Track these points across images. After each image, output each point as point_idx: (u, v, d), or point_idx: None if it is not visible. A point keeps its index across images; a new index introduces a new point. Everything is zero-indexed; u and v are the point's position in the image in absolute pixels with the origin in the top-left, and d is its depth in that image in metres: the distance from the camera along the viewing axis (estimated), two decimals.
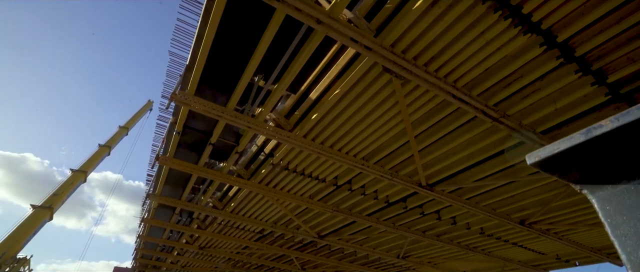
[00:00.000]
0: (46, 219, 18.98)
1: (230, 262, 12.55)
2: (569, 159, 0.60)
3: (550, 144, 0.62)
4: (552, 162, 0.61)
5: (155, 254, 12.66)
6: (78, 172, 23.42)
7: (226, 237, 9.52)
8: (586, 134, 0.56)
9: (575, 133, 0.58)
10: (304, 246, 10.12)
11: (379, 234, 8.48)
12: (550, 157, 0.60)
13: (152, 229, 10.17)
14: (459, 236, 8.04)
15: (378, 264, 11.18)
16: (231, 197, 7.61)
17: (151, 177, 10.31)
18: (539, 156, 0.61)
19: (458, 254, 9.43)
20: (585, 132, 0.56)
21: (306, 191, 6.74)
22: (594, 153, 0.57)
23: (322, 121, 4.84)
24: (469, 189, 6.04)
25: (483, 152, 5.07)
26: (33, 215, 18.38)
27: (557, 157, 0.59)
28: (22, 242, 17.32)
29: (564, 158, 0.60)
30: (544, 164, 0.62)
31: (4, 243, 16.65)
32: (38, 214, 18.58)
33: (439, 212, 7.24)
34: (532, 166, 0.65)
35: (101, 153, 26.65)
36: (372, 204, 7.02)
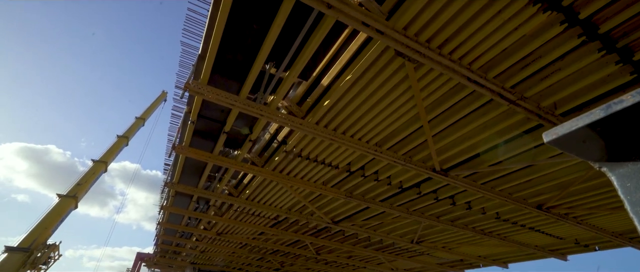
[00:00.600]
0: (72, 208, 19.85)
1: (246, 247, 12.88)
2: (588, 136, 0.59)
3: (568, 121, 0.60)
4: (570, 139, 0.59)
5: (175, 240, 13.12)
6: (99, 162, 24.26)
7: (242, 223, 9.75)
8: (606, 110, 0.54)
9: (594, 109, 0.57)
10: (318, 231, 10.27)
11: (392, 219, 8.51)
12: (569, 135, 0.58)
13: (171, 216, 10.50)
14: (474, 221, 7.99)
15: (392, 248, 11.27)
16: (246, 184, 7.75)
17: (168, 166, 10.61)
18: (556, 133, 0.60)
19: (473, 239, 9.39)
20: (605, 108, 0.55)
21: (319, 178, 6.79)
22: (614, 129, 0.56)
23: (334, 108, 4.82)
24: (485, 173, 5.95)
25: (499, 136, 4.97)
26: (59, 204, 19.24)
27: (575, 134, 0.58)
28: (51, 230, 18.22)
29: (583, 135, 0.58)
30: (562, 141, 0.60)
31: (35, 230, 17.55)
32: (64, 202, 19.43)
33: (453, 198, 7.19)
34: (549, 144, 0.64)
35: (120, 144, 27.43)
36: (386, 190, 7.02)
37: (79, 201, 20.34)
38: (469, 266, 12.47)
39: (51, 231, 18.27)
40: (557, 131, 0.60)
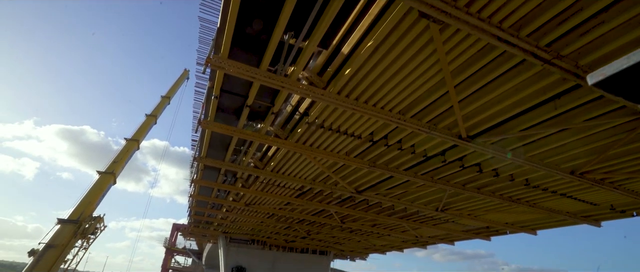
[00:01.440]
0: (111, 183, 21.27)
1: (273, 217, 13.40)
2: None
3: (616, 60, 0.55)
4: (618, 80, 0.54)
5: (207, 211, 13.85)
6: (131, 140, 25.52)
7: (268, 194, 10.09)
8: None
9: None
10: (342, 201, 10.47)
11: (417, 188, 8.50)
12: (617, 75, 0.53)
13: (201, 189, 11.03)
14: (502, 188, 7.82)
15: (416, 216, 11.35)
16: (270, 156, 7.93)
17: (196, 141, 11.00)
18: (603, 74, 0.55)
19: (500, 206, 9.24)
20: None
21: (342, 148, 6.82)
22: None
23: (356, 76, 4.73)
24: (514, 139, 5.73)
25: (531, 99, 4.72)
26: (100, 180, 20.65)
27: (625, 74, 0.53)
28: (95, 203, 19.73)
29: (634, 75, 0.53)
30: (609, 83, 0.55)
31: (81, 205, 19.08)
32: (103, 179, 20.83)
33: (480, 165, 7.03)
34: (594, 87, 0.59)
35: (149, 122, 28.59)
36: (410, 159, 6.96)
37: (117, 177, 21.71)
38: (495, 232, 12.39)
39: (95, 204, 19.78)
40: (605, 72, 0.55)
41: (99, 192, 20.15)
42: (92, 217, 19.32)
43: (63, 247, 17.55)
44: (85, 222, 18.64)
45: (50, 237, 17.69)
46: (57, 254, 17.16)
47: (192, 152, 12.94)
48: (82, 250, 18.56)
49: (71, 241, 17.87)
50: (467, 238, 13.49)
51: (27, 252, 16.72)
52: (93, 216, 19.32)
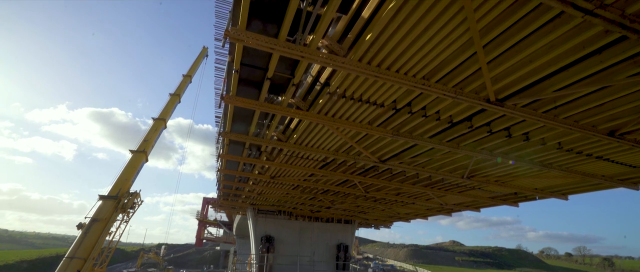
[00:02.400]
0: (143, 161, 22.36)
1: (298, 188, 13.73)
2: None
3: None
4: None
5: (234, 185, 14.38)
6: (158, 120, 26.44)
7: (293, 166, 10.28)
8: None
9: None
10: (366, 170, 10.51)
11: (442, 155, 8.36)
12: None
13: (228, 163, 11.39)
14: (533, 152, 7.54)
15: (441, 184, 11.26)
16: (293, 129, 7.99)
17: (219, 118, 11.23)
18: None
19: (529, 172, 8.97)
20: None
21: (365, 117, 6.74)
22: None
23: (377, 41, 4.56)
24: (548, 100, 5.43)
25: (568, 56, 4.39)
26: (133, 158, 21.75)
27: None
28: (130, 180, 20.91)
29: None
30: None
31: (118, 181, 20.29)
32: (136, 157, 21.91)
33: (509, 129, 6.76)
34: None
35: (173, 101, 29.35)
36: (434, 126, 6.80)
37: (148, 154, 22.76)
38: (523, 198, 12.14)
39: (131, 181, 20.97)
40: None
41: (133, 169, 21.30)
42: (129, 193, 20.57)
43: (106, 220, 18.93)
44: (123, 198, 19.92)
45: (94, 212, 19.10)
46: (101, 227, 18.58)
47: (217, 128, 13.30)
48: (124, 223, 19.95)
49: (113, 215, 19.22)
50: (493, 205, 13.31)
51: (76, 225, 18.23)
52: (130, 191, 20.55)
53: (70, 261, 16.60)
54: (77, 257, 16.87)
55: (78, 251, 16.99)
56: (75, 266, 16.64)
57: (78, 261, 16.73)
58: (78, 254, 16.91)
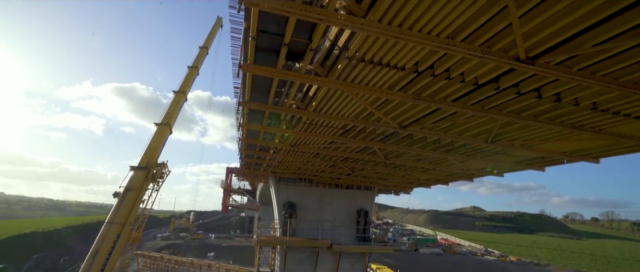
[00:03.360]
0: (168, 133, 23.14)
1: (318, 156, 13.89)
2: None
3: None
4: None
5: (256, 154, 14.72)
6: (179, 92, 26.94)
7: (312, 134, 10.33)
8: None
9: None
10: (386, 137, 10.42)
11: (465, 119, 8.11)
12: None
13: (248, 133, 11.59)
14: (563, 114, 7.17)
15: (464, 149, 11.04)
16: (312, 96, 7.93)
17: (238, 89, 11.28)
18: None
19: (559, 134, 8.60)
20: None
21: (385, 82, 6.56)
22: None
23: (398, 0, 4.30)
24: (585, 56, 5.04)
25: (608, 7, 4.00)
26: (158, 131, 22.53)
27: None
28: (157, 152, 21.83)
29: None
30: None
31: (146, 153, 21.24)
32: (161, 129, 22.67)
33: (539, 90, 6.41)
34: None
35: (191, 74, 29.65)
36: (458, 88, 6.54)
37: (172, 127, 23.49)
38: (550, 162, 11.75)
39: (158, 153, 21.88)
40: None
41: (159, 141, 22.14)
42: (157, 163, 21.54)
43: (138, 189, 20.08)
44: (152, 168, 20.91)
45: (127, 182, 20.26)
46: (135, 195, 19.75)
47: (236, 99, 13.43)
48: (154, 192, 21.10)
49: (144, 184, 20.31)
50: (518, 169, 12.99)
51: (112, 194, 19.49)
52: (158, 162, 21.52)
53: (110, 226, 17.97)
54: (116, 223, 18.21)
55: (116, 217, 18.31)
56: (115, 230, 18.01)
57: (117, 226, 18.08)
58: (116, 220, 18.24)
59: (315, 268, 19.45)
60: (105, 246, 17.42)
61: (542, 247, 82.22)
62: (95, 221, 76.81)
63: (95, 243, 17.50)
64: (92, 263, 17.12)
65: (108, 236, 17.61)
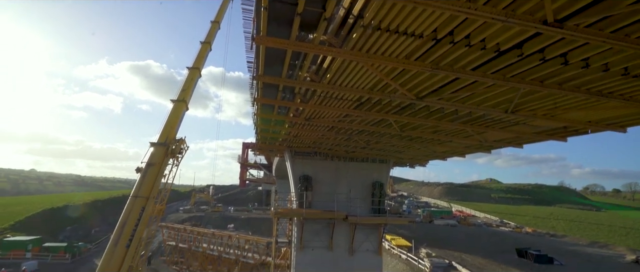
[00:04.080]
0: (184, 110, 23.51)
1: (333, 130, 13.89)
2: None
3: None
4: None
5: (271, 128, 14.85)
6: (193, 69, 27.02)
7: (327, 107, 10.27)
8: None
9: None
10: (402, 109, 10.26)
11: (485, 89, 7.85)
12: None
13: (263, 107, 11.64)
14: (591, 80, 6.81)
15: (482, 120, 10.78)
16: (326, 68, 7.80)
17: (251, 63, 11.22)
18: None
19: (585, 103, 8.23)
20: None
21: (402, 51, 6.35)
22: None
23: None
24: (619, 17, 4.69)
25: None
26: (175, 107, 22.90)
27: None
28: (175, 128, 22.32)
29: None
30: None
31: (165, 130, 21.76)
32: (177, 106, 23.02)
33: (565, 55, 6.07)
34: None
35: (204, 49, 29.54)
36: (479, 56, 6.27)
37: (188, 103, 23.83)
38: (573, 132, 11.36)
39: (176, 129, 22.38)
40: None
41: (176, 118, 22.57)
42: (175, 139, 22.09)
43: (159, 165, 20.79)
44: (171, 144, 21.49)
45: (148, 158, 20.97)
46: (156, 170, 20.49)
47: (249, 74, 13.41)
48: (174, 167, 21.80)
49: (164, 159, 20.99)
50: (538, 140, 12.65)
51: (135, 169, 20.27)
52: (176, 138, 22.07)
53: (135, 199, 18.84)
54: (140, 196, 19.06)
55: (140, 191, 19.14)
56: (140, 203, 18.89)
57: (141, 200, 18.94)
58: (140, 194, 19.08)
59: (332, 239, 20.05)
60: (131, 218, 18.37)
61: (559, 218, 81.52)
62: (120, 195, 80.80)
63: (123, 215, 18.48)
64: (121, 233, 18.15)
65: (134, 209, 18.53)
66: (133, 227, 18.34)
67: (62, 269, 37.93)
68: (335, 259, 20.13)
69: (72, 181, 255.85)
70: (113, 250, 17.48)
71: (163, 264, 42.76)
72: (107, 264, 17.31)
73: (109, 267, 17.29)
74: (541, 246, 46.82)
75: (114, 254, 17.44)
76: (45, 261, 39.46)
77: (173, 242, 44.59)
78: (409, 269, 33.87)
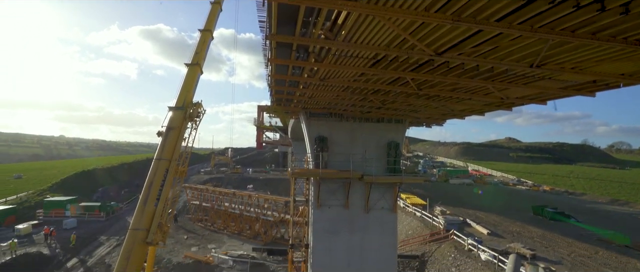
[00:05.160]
0: (199, 73, 23.57)
1: (348, 90, 13.68)
2: None
3: None
4: None
5: (286, 89, 14.77)
6: (204, 31, 26.59)
7: (342, 66, 10.03)
8: None
9: None
10: (419, 66, 9.90)
11: (510, 41, 7.40)
12: None
13: (277, 68, 11.49)
14: (629, 28, 6.28)
15: (504, 76, 10.31)
16: (341, 25, 7.50)
17: (263, 23, 10.88)
18: None
19: (620, 54, 7.67)
20: None
21: (421, 3, 5.97)
22: None
23: None
24: None
25: None
26: (189, 71, 22.97)
27: None
28: (191, 92, 22.57)
29: None
30: None
31: (181, 94, 22.05)
32: (192, 70, 23.07)
33: (602, 1, 5.55)
34: None
35: (215, 10, 28.80)
36: (504, 5, 5.82)
37: (202, 67, 23.80)
38: (603, 86, 10.74)
39: (192, 93, 22.64)
40: None
41: (192, 81, 22.73)
42: (192, 103, 22.44)
43: (179, 128, 21.38)
44: (189, 108, 21.90)
45: (167, 122, 21.53)
46: (176, 133, 21.11)
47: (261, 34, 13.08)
48: (193, 130, 22.37)
49: (183, 123, 21.52)
50: (565, 96, 12.07)
51: (156, 133, 20.98)
52: (193, 102, 22.40)
53: (159, 162, 19.73)
54: (163, 159, 19.92)
55: (163, 154, 19.95)
56: (163, 165, 19.79)
57: (165, 162, 19.81)
58: (163, 156, 19.91)
59: (347, 198, 20.63)
60: (157, 179, 19.36)
61: (580, 177, 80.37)
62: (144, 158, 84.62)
63: (148, 177, 19.48)
64: (149, 193, 19.26)
65: (158, 171, 19.46)
66: (159, 187, 19.40)
67: (98, 226, 41.20)
68: (351, 216, 20.86)
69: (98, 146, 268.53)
70: (143, 208, 18.72)
71: (189, 221, 45.67)
72: (139, 221, 18.63)
73: (141, 224, 18.63)
74: (558, 204, 46.76)
75: (144, 212, 18.69)
76: (82, 219, 42.84)
77: (197, 202, 47.14)
78: (423, 226, 34.87)
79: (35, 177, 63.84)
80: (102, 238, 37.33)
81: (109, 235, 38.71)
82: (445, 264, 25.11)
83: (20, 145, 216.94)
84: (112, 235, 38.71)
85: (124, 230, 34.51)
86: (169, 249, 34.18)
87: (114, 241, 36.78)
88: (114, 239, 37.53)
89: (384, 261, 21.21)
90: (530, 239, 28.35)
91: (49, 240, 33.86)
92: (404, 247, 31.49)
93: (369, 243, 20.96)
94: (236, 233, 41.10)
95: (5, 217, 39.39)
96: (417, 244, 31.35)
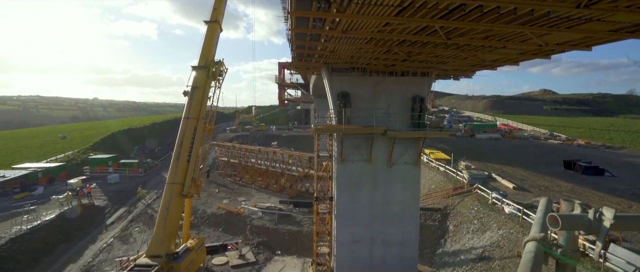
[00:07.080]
0: (218, 31, 23.25)
1: (372, 42, 13.05)
2: None
3: None
4: None
5: (306, 44, 14.32)
6: None
7: (365, 16, 9.46)
8: None
9: None
10: (449, 12, 9.15)
11: None
12: None
13: (297, 21, 11.03)
14: None
15: (546, 19, 9.35)
16: None
17: None
18: None
19: None
20: None
21: None
22: None
23: None
24: None
25: None
26: (209, 29, 22.68)
27: None
28: (213, 50, 22.50)
29: None
30: None
31: (203, 53, 22.05)
32: (211, 27, 22.75)
33: None
34: None
35: None
36: None
37: (221, 23, 23.38)
38: None
39: (213, 51, 22.57)
40: None
41: (212, 39, 22.54)
42: (214, 62, 22.48)
43: (203, 87, 21.73)
44: (211, 67, 22.00)
45: (192, 81, 21.85)
46: (201, 92, 21.52)
47: None
48: (217, 89, 22.65)
49: (207, 82, 21.78)
50: (615, 39, 10.87)
51: (182, 93, 21.47)
52: (215, 60, 22.43)
53: (187, 120, 20.44)
54: (190, 117, 20.58)
55: (190, 113, 20.59)
56: (192, 124, 20.51)
57: (193, 120, 20.50)
58: (191, 115, 20.56)
59: (371, 153, 20.73)
60: (186, 137, 20.22)
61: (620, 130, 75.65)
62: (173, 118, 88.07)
63: (179, 135, 20.36)
64: (180, 150, 20.26)
65: (187, 129, 20.25)
66: (189, 144, 20.32)
67: (138, 180, 44.55)
68: (375, 170, 21.11)
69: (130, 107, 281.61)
70: (176, 164, 19.86)
71: (219, 176, 48.22)
72: (174, 176, 19.87)
73: (176, 179, 19.87)
74: (593, 158, 44.77)
75: (178, 168, 19.85)
76: (123, 175, 46.42)
77: (225, 158, 49.34)
78: (447, 180, 34.86)
79: (77, 137, 68.69)
80: (144, 192, 40.51)
81: (149, 188, 41.91)
82: (468, 217, 25.37)
83: (61, 107, 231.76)
84: (151, 188, 41.90)
85: (161, 184, 37.18)
86: (203, 201, 36.67)
87: (154, 194, 39.86)
88: (153, 192, 40.65)
89: (407, 213, 21.71)
90: (559, 193, 27.73)
91: (90, 197, 37.10)
92: (426, 201, 31.93)
93: (392, 196, 21.36)
94: (263, 187, 43.15)
95: (59, 172, 43.64)
96: (439, 197, 31.63)
